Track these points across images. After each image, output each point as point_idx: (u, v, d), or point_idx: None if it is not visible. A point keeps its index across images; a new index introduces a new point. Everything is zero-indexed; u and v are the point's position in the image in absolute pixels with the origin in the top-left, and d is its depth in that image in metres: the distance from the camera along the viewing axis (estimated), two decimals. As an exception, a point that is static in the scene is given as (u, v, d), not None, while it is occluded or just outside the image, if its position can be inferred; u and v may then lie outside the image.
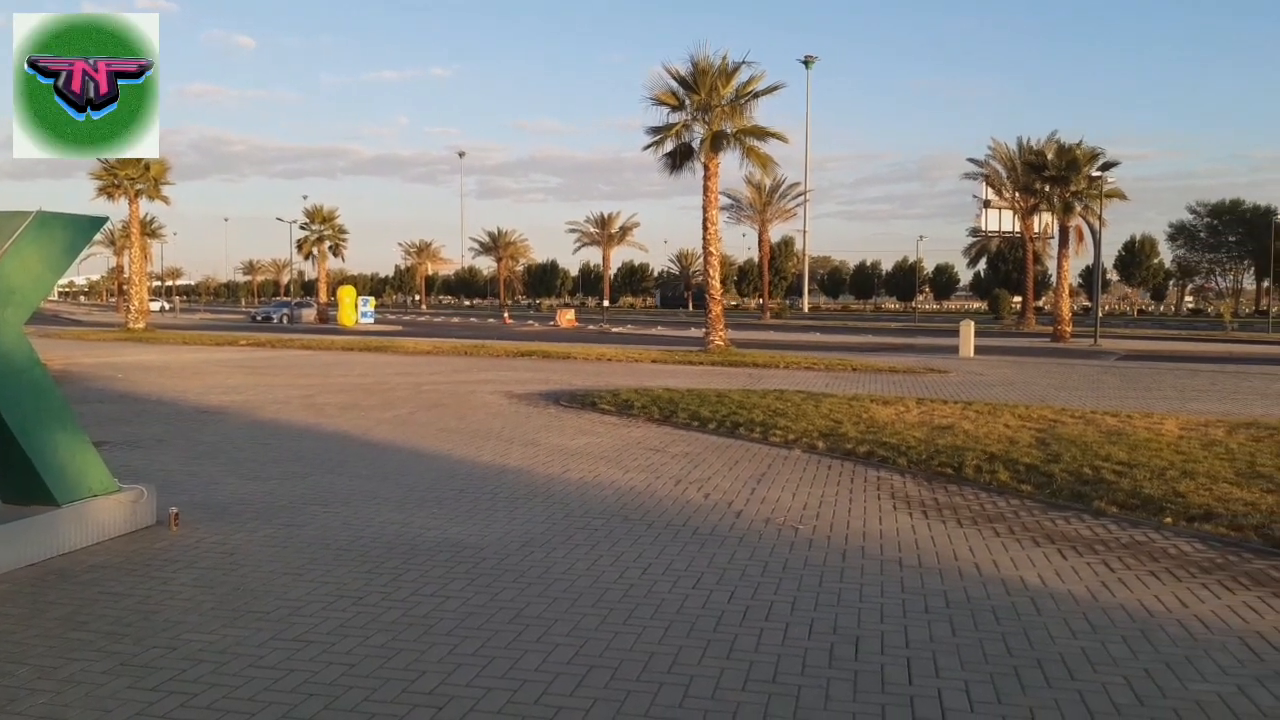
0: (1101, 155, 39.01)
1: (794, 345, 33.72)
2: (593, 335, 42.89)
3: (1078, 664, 4.47)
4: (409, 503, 7.77)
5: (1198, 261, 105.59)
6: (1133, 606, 5.31)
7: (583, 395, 15.28)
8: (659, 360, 24.63)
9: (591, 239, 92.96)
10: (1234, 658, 4.57)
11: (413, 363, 23.90)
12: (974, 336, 29.26)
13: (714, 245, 28.14)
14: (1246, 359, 28.79)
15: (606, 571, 5.90)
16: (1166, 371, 22.88)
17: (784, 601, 5.34)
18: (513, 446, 10.58)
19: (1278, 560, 6.20)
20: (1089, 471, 8.82)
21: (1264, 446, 10.22)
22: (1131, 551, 6.43)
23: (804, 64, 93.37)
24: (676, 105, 27.41)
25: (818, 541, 6.67)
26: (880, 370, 21.80)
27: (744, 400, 14.27)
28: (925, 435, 11.01)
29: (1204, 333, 50.31)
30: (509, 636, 4.80)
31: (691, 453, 10.25)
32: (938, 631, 4.89)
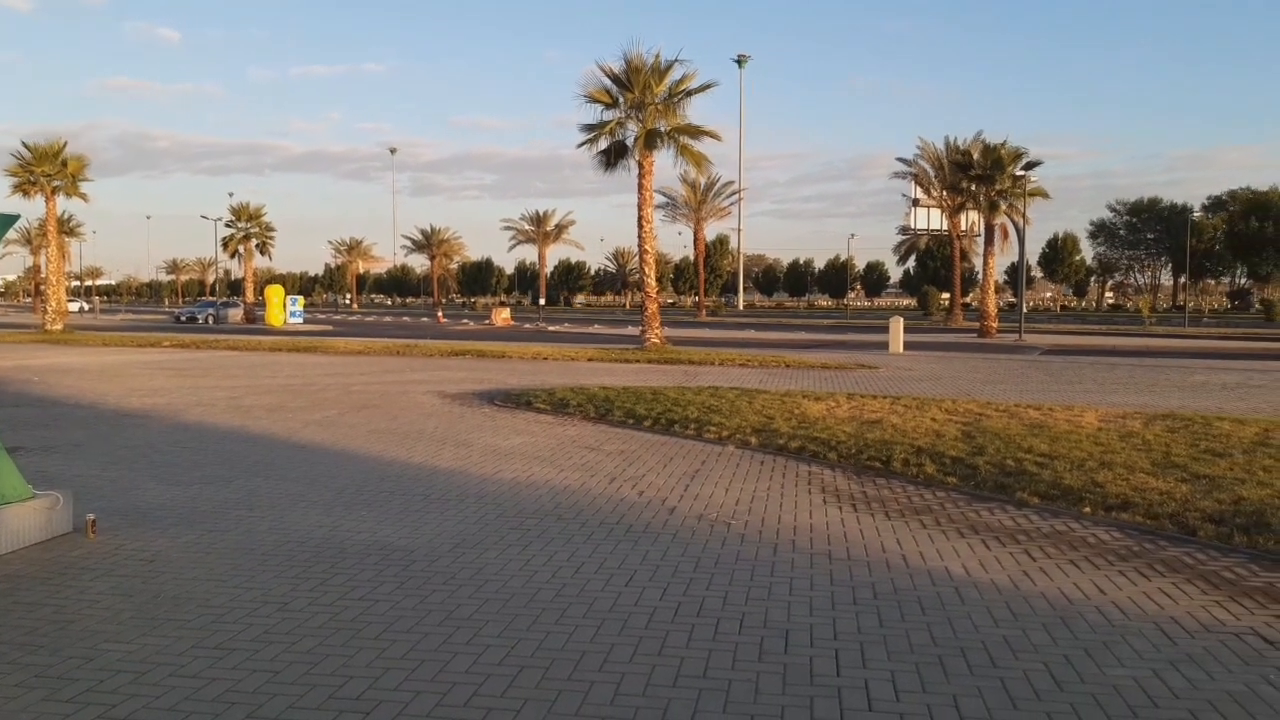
0: (1025, 155, 40.06)
1: (729, 342, 33.97)
2: (529, 334, 42.66)
3: (1000, 651, 4.58)
4: (337, 506, 7.63)
5: (1117, 258, 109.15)
6: (1053, 594, 5.45)
7: (518, 394, 15.19)
8: (595, 358, 24.60)
9: (527, 237, 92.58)
10: (1149, 643, 4.72)
11: (342, 363, 23.50)
12: (903, 333, 29.79)
13: (649, 243, 28.21)
14: (1163, 353, 29.82)
15: (539, 571, 5.87)
16: (1087, 365, 23.58)
17: (715, 597, 5.37)
18: (445, 447, 10.47)
19: (1191, 547, 6.43)
20: (1012, 463, 9.04)
21: (1179, 437, 10.59)
22: (1052, 541, 6.61)
23: (737, 63, 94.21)
24: (610, 103, 27.41)
25: (750, 536, 6.73)
26: (813, 367, 22.07)
27: (679, 397, 14.33)
28: (855, 430, 11.18)
29: (1123, 328, 52.03)
30: (439, 639, 4.75)
31: (627, 450, 10.26)
32: (865, 623, 4.96)
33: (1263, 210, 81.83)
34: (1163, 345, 34.53)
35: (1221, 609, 5.20)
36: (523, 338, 37.68)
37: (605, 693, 4.10)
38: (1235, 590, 5.52)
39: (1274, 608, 5.22)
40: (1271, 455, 9.37)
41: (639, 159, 27.45)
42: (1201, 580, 5.71)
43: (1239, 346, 34.04)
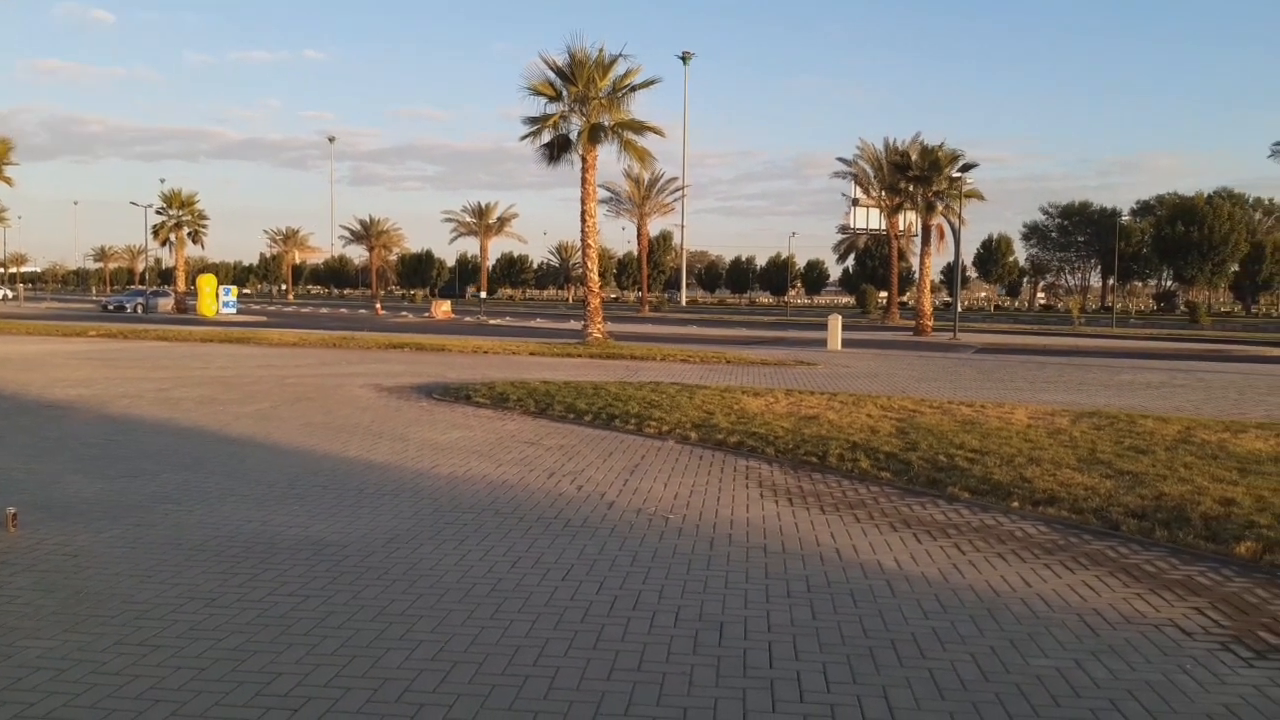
0: (962, 157, 40.82)
1: (671, 338, 34.10)
2: (469, 327, 42.28)
3: (929, 643, 4.67)
4: (269, 500, 7.49)
5: (1049, 260, 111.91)
6: (981, 587, 5.58)
7: (456, 388, 15.05)
8: (537, 353, 24.48)
9: (468, 229, 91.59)
10: (1072, 634, 4.85)
11: (277, 354, 23.05)
12: (841, 330, 30.19)
13: (592, 238, 28.16)
14: (1092, 352, 30.66)
15: (475, 566, 5.82)
16: (1019, 364, 24.14)
17: (652, 590, 5.39)
18: (381, 441, 10.33)
19: (1114, 541, 6.62)
20: (944, 459, 9.22)
21: (1104, 434, 10.90)
22: (981, 535, 6.76)
23: (682, 60, 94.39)
24: (554, 96, 27.28)
25: (687, 530, 6.76)
26: (753, 363, 22.25)
27: (620, 392, 14.33)
28: (793, 425, 11.30)
29: (1054, 327, 53.37)
30: (371, 635, 4.68)
31: (567, 445, 10.23)
32: (798, 615, 5.02)
33: (1188, 216, 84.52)
34: (1091, 345, 35.48)
35: (1142, 601, 5.37)
36: (463, 331, 37.34)
37: (539, 687, 4.09)
38: (1156, 583, 5.70)
39: (1192, 600, 5.39)
40: (1192, 452, 9.70)
41: (582, 153, 27.38)
42: (1124, 573, 5.88)
43: (1164, 347, 35.14)
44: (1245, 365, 25.33)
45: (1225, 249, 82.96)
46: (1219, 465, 8.98)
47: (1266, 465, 9.00)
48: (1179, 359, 27.98)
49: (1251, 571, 5.92)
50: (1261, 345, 36.68)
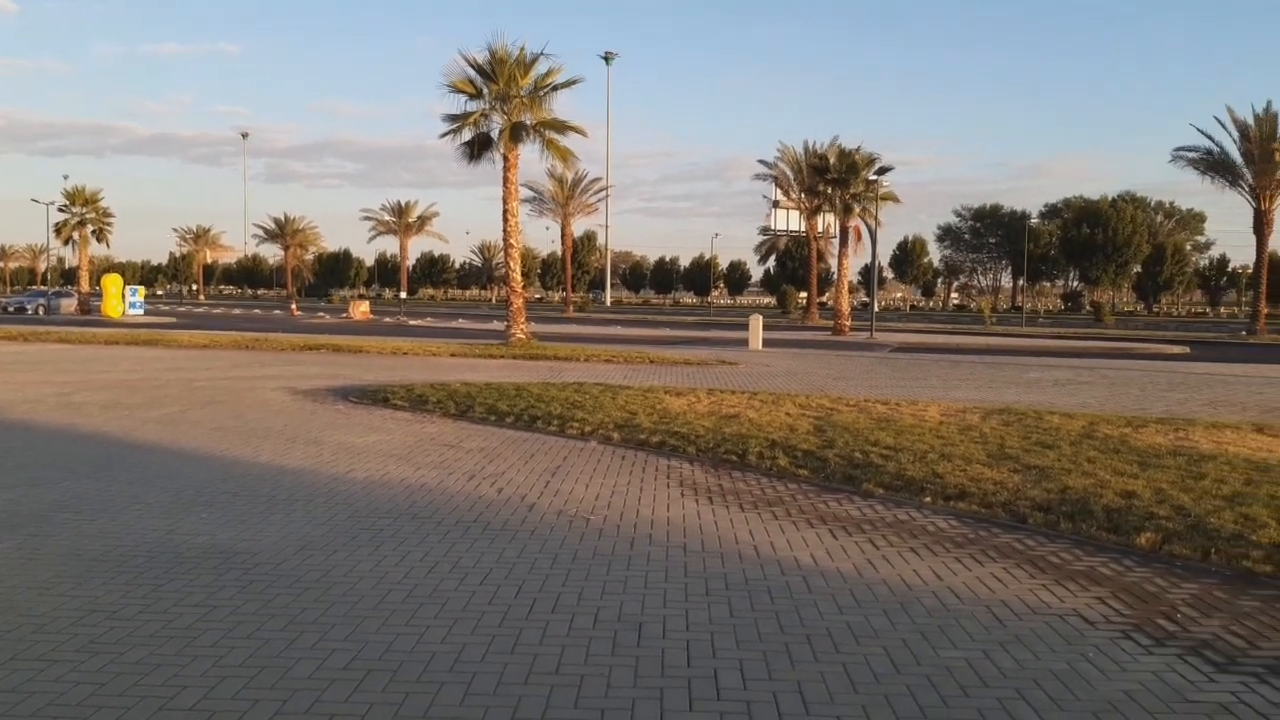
0: (878, 160, 41.69)
1: (596, 338, 34.07)
2: (389, 328, 41.61)
3: (843, 638, 4.74)
4: (175, 508, 7.24)
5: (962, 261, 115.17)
6: (894, 581, 5.69)
7: (374, 391, 14.78)
8: (458, 354, 24.21)
9: (388, 228, 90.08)
10: (981, 625, 4.98)
11: (186, 357, 22.34)
12: (762, 330, 30.56)
13: (514, 237, 27.94)
14: (1002, 351, 31.61)
15: (390, 572, 5.72)
16: (932, 363, 24.76)
17: (571, 592, 5.36)
18: (294, 445, 10.09)
19: (1022, 534, 6.82)
20: (860, 456, 9.39)
21: (1013, 430, 11.23)
22: (895, 530, 6.90)
23: (604, 60, 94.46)
24: (474, 94, 27.00)
25: (608, 531, 6.75)
26: (676, 363, 22.37)
27: (543, 393, 14.25)
28: (714, 424, 11.39)
29: (967, 327, 54.88)
30: (281, 645, 4.56)
31: (487, 448, 10.13)
32: (716, 613, 5.05)
33: (1093, 218, 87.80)
34: (1002, 344, 36.58)
35: (1047, 592, 5.54)
36: (382, 332, 36.73)
37: (455, 693, 4.03)
38: (1060, 574, 5.88)
39: (1095, 590, 5.59)
40: (1096, 447, 10.06)
41: (504, 152, 27.15)
42: (1030, 565, 6.06)
43: (1070, 345, 36.41)
44: (1146, 363, 26.41)
45: (1128, 251, 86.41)
46: (1121, 459, 9.33)
47: (1166, 459, 9.39)
48: (1085, 357, 29.03)
49: (1151, 561, 6.16)
50: (1162, 343, 38.27)
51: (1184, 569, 6.00)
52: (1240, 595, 5.49)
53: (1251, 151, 45.53)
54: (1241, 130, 46.02)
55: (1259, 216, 46.31)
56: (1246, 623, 5.04)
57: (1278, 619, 5.09)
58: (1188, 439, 10.71)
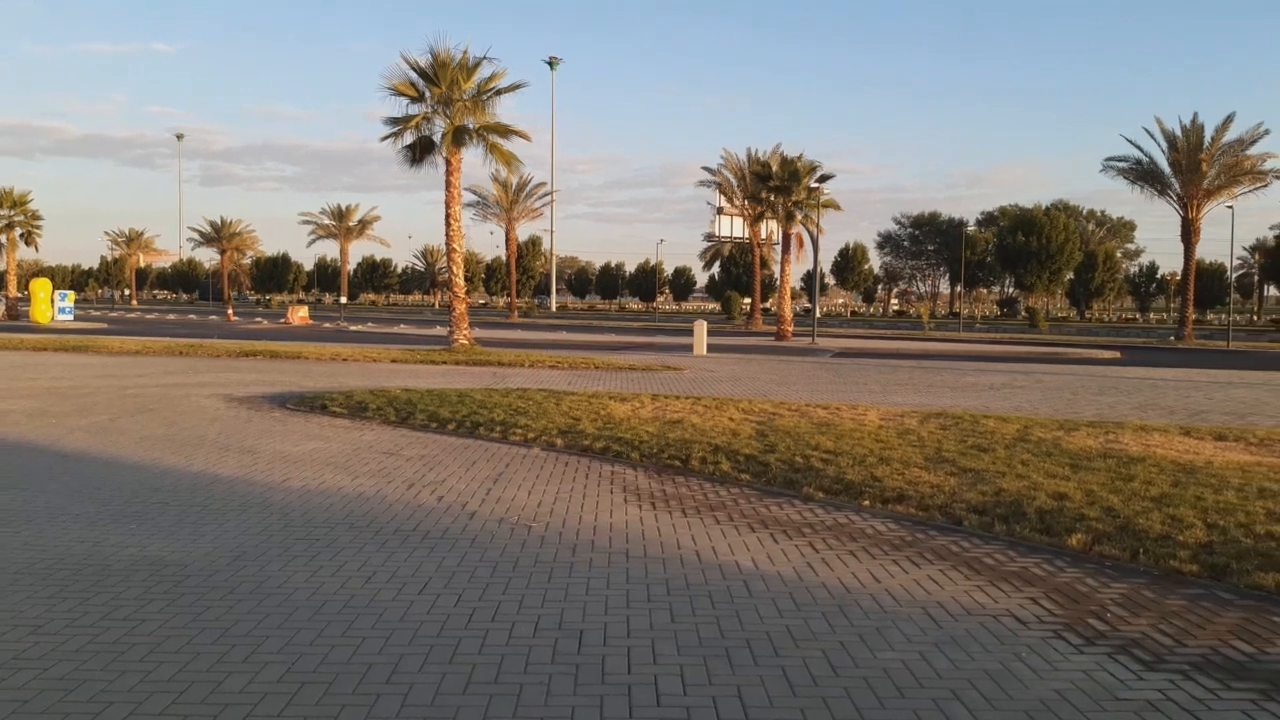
0: (820, 168, 42.26)
1: (540, 344, 33.92)
2: (328, 333, 40.99)
3: (782, 641, 4.77)
4: (103, 519, 7.03)
5: (902, 267, 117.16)
6: (833, 584, 5.74)
7: (312, 397, 14.53)
8: (399, 360, 23.92)
9: (328, 232, 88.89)
10: (917, 627, 5.05)
11: (117, 363, 21.73)
12: (707, 336, 30.71)
13: (457, 242, 27.71)
14: (940, 355, 32.18)
15: (327, 583, 5.61)
16: (872, 367, 25.11)
17: (511, 601, 5.31)
18: (228, 454, 9.86)
19: (958, 536, 6.94)
20: (800, 460, 9.48)
21: (950, 434, 11.43)
22: (834, 533, 6.97)
23: (549, 65, 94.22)
24: (416, 97, 26.76)
25: (549, 538, 6.71)
26: (621, 368, 22.36)
27: (486, 400, 14.14)
28: (657, 430, 11.40)
29: (906, 332, 55.81)
30: (212, 658, 4.45)
31: (428, 455, 10.01)
32: (658, 619, 5.05)
33: (1028, 226, 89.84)
34: (940, 349, 37.23)
35: (982, 593, 5.64)
36: (321, 338, 36.15)
37: (391, 705, 3.97)
38: (995, 575, 5.99)
39: (1028, 590, 5.70)
40: (1029, 450, 10.28)
41: (446, 156, 26.93)
42: (965, 566, 6.16)
43: (1006, 350, 37.21)
44: (1079, 367, 27.09)
45: (1061, 258, 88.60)
46: (1053, 462, 9.54)
47: (1096, 461, 9.63)
48: (1019, 361, 29.69)
49: (1082, 562, 6.30)
50: (1094, 349, 39.31)
51: (1113, 569, 6.14)
52: (1168, 595, 5.64)
53: (1179, 161, 47.08)
54: (1170, 141, 47.56)
55: (1186, 225, 47.86)
56: (1173, 621, 5.18)
57: (1203, 618, 5.24)
58: (1117, 442, 11.00)
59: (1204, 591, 5.70)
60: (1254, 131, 46.06)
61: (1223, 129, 46.36)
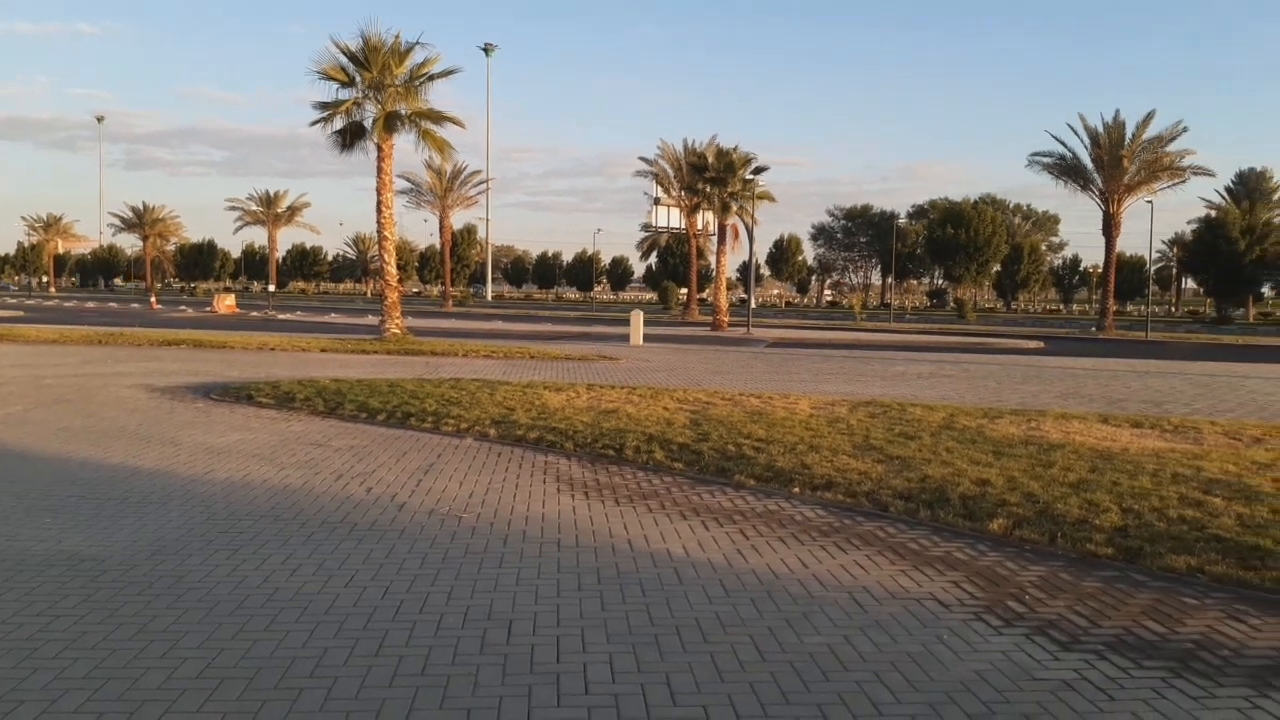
0: (754, 160, 42.54)
1: (475, 333, 33.62)
2: (256, 322, 40.08)
3: (711, 627, 4.81)
4: (16, 513, 6.78)
5: (835, 259, 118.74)
6: (762, 570, 5.81)
7: (237, 388, 14.19)
8: (329, 349, 23.49)
9: (255, 218, 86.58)
10: (843, 611, 5.13)
11: (33, 353, 20.97)
12: (643, 326, 30.75)
13: (389, 229, 27.30)
14: (871, 345, 32.71)
15: (250, 576, 5.50)
16: (805, 357, 25.42)
17: (440, 592, 5.27)
18: (149, 446, 9.59)
19: (884, 522, 7.06)
20: (733, 448, 9.56)
21: (878, 422, 11.63)
22: (765, 520, 7.04)
23: (484, 51, 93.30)
24: (347, 82, 26.28)
25: (481, 529, 6.66)
26: (557, 358, 22.29)
27: (418, 390, 13.97)
28: (592, 419, 11.39)
29: (839, 322, 56.61)
30: (129, 655, 4.33)
31: (357, 446, 9.85)
32: (588, 608, 5.05)
33: (956, 219, 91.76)
34: (871, 339, 37.85)
35: (906, 577, 5.75)
36: (248, 327, 35.33)
37: (315, 699, 3.90)
38: (919, 560, 6.12)
39: (950, 574, 5.83)
40: (954, 437, 10.51)
41: (378, 142, 26.49)
42: (891, 552, 6.28)
43: (934, 340, 38.00)
44: (1004, 356, 27.78)
45: (989, 250, 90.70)
46: (977, 449, 9.78)
47: (1018, 448, 9.89)
48: (947, 351, 30.33)
49: (1002, 546, 6.47)
50: (1019, 339, 40.36)
51: (1033, 553, 6.32)
52: (1084, 577, 5.82)
53: (1101, 157, 48.47)
54: (1092, 137, 48.93)
55: (1108, 219, 49.31)
56: (1089, 603, 5.35)
57: (1118, 599, 5.42)
58: (1038, 429, 11.31)
59: (1119, 574, 5.89)
60: (1173, 129, 47.64)
61: (1143, 126, 47.85)
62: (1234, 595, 5.50)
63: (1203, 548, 6.28)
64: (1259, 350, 36.08)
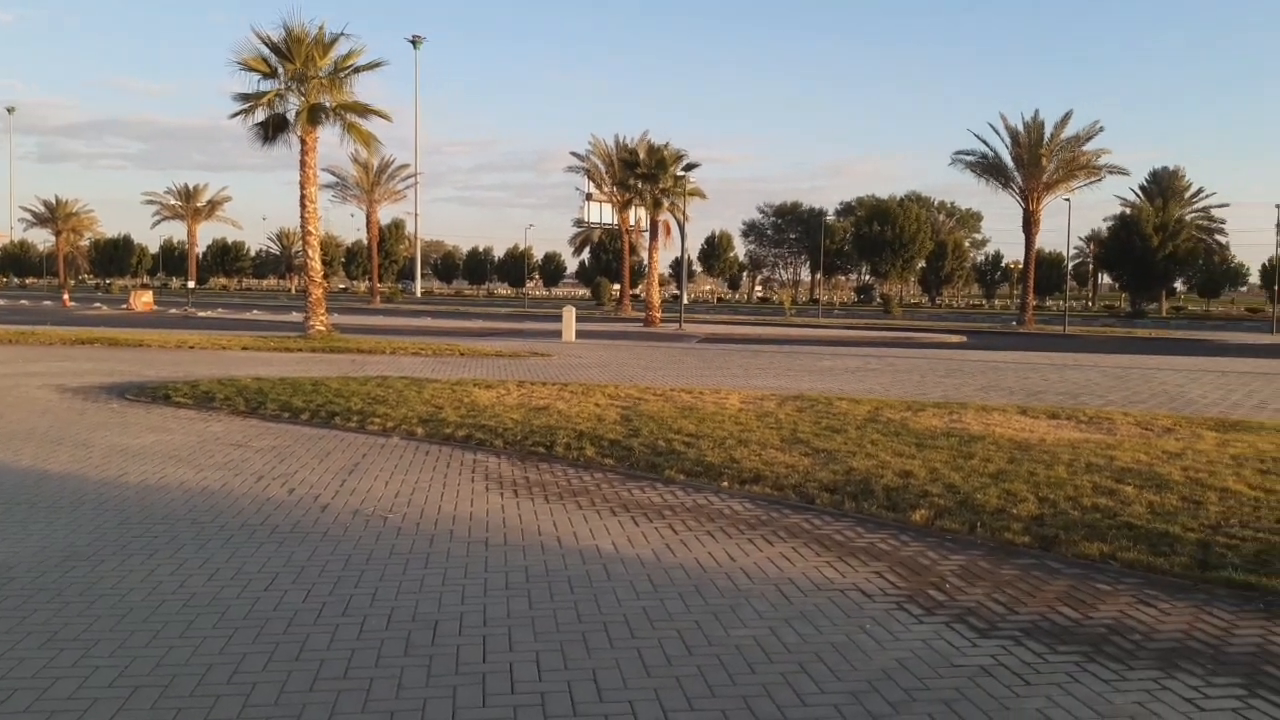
0: (686, 156, 42.77)
1: (404, 330, 33.15)
2: (175, 320, 38.96)
3: (639, 622, 4.81)
4: (-87, 520, 6.48)
5: (766, 255, 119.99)
6: (690, 565, 5.84)
7: (154, 387, 13.77)
8: (251, 347, 22.94)
9: (174, 213, 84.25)
10: (769, 603, 5.18)
11: (-63, 353, 20.05)
12: (575, 322, 30.69)
13: (313, 224, 26.72)
14: (801, 340, 33.15)
15: (165, 582, 5.33)
16: (736, 352, 25.63)
17: (364, 594, 5.18)
18: (60, 448, 9.24)
19: (810, 514, 7.16)
20: (663, 444, 9.59)
21: (805, 416, 11.78)
22: (694, 514, 7.08)
23: (412, 44, 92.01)
24: (269, 73, 25.64)
25: (407, 529, 6.57)
26: (488, 355, 22.10)
27: (343, 388, 13.73)
28: (523, 417, 11.32)
29: (769, 318, 57.22)
30: (37, 664, 4.16)
31: (279, 446, 9.64)
32: (515, 606, 5.02)
33: (883, 216, 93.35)
34: (800, 334, 38.34)
35: (831, 569, 5.84)
36: (167, 324, 34.32)
37: (232, 706, 3.80)
38: (843, 551, 6.21)
39: (874, 565, 5.93)
40: (879, 430, 10.70)
41: (301, 135, 25.90)
42: (817, 544, 6.37)
43: (862, 335, 38.64)
44: (929, 351, 28.38)
45: (914, 247, 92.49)
46: (901, 441, 9.97)
47: (940, 440, 10.11)
48: (874, 346, 30.88)
49: (924, 536, 6.60)
50: (943, 333, 41.29)
51: (953, 542, 6.47)
52: (1002, 565, 5.98)
53: (1021, 156, 49.82)
54: (1013, 136, 50.25)
55: (1027, 216, 50.70)
56: (1006, 590, 5.49)
57: (1034, 586, 5.58)
58: (960, 422, 11.58)
59: (1035, 561, 6.06)
60: (1090, 128, 49.19)
61: (1061, 125, 49.31)
62: (1144, 581, 5.70)
63: (1115, 535, 6.50)
64: (1171, 343, 37.50)
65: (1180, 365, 23.76)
